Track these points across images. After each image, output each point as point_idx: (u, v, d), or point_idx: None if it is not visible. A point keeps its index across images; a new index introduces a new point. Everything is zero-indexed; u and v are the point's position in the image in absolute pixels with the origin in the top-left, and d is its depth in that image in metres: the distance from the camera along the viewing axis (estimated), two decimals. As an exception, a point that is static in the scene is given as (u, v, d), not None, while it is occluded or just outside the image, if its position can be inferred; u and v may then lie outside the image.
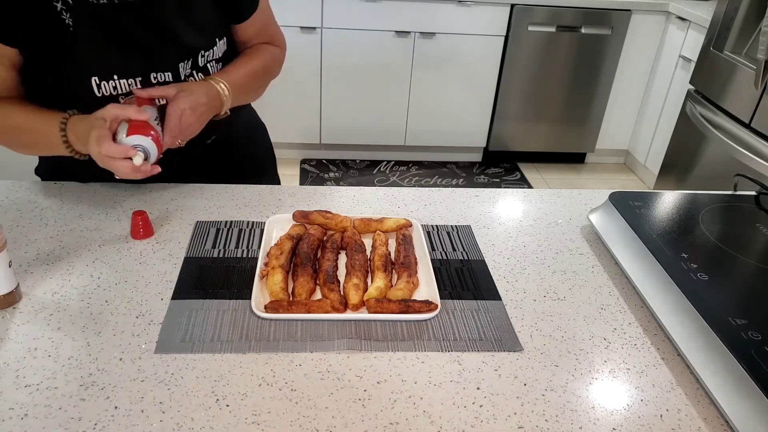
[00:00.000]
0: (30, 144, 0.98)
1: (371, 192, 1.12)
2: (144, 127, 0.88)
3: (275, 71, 1.18)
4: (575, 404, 0.69)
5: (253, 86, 1.12)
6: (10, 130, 0.96)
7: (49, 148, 0.96)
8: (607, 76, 3.21)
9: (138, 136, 0.87)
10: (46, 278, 0.84)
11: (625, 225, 0.96)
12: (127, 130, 0.87)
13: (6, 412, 0.64)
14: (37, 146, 0.99)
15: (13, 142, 0.99)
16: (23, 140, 0.98)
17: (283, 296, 0.81)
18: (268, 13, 1.13)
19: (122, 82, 0.97)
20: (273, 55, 1.16)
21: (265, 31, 1.14)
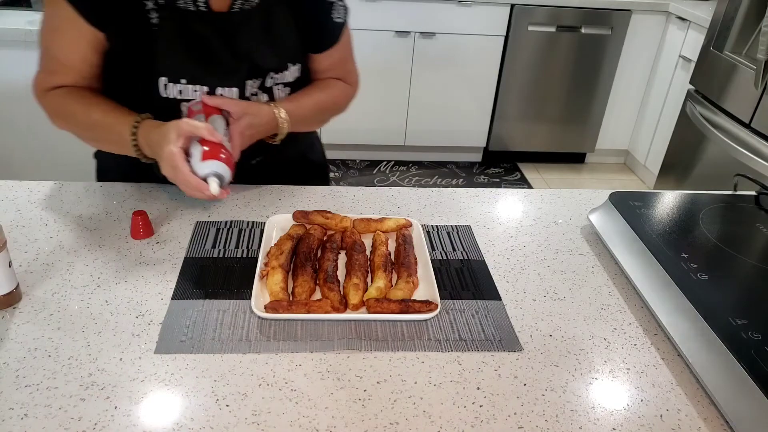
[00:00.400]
0: (100, 139, 1.01)
1: (371, 192, 1.12)
2: (217, 150, 0.87)
3: (341, 108, 1.17)
4: (575, 404, 0.69)
5: (314, 120, 1.12)
6: (86, 126, 0.98)
7: (118, 147, 0.97)
8: (607, 76, 3.21)
9: (213, 162, 0.86)
10: (46, 278, 0.84)
11: (625, 225, 0.96)
12: (202, 154, 0.86)
13: (6, 412, 0.64)
14: (106, 142, 1.01)
15: (86, 135, 1.01)
16: (95, 135, 1.00)
17: (283, 296, 0.81)
18: (347, 49, 1.12)
19: (189, 88, 0.98)
20: (343, 93, 1.15)
21: (342, 66, 1.13)
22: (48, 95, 0.99)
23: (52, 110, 1.00)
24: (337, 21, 1.05)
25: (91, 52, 0.96)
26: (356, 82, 1.18)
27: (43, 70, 0.99)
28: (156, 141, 0.89)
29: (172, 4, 0.94)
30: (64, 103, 0.97)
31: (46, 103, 0.99)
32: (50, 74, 0.98)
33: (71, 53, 0.96)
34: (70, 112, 0.97)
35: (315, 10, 1.03)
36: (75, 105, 0.97)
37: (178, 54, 0.96)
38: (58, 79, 0.98)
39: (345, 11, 1.07)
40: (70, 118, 0.98)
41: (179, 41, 0.95)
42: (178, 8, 0.94)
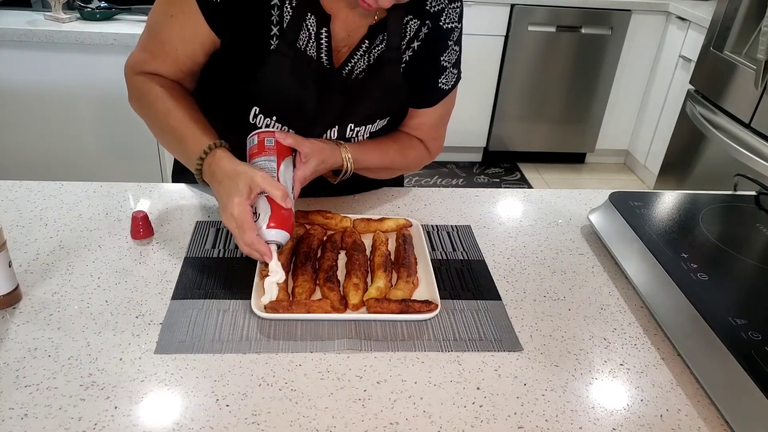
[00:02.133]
0: (166, 142, 0.97)
1: (371, 192, 1.12)
2: (284, 217, 0.81)
3: (410, 167, 1.11)
4: (575, 404, 0.69)
5: (378, 172, 1.07)
6: (159, 125, 0.94)
7: (180, 157, 0.95)
8: (607, 76, 3.21)
9: (279, 231, 0.81)
10: (46, 278, 0.84)
11: (625, 225, 0.96)
12: (270, 219, 0.80)
13: (6, 412, 0.64)
14: (171, 147, 0.96)
15: (155, 131, 0.97)
16: (164, 137, 0.96)
17: (283, 296, 0.81)
18: (442, 116, 1.07)
19: (277, 126, 0.96)
20: (418, 157, 1.09)
21: (429, 130, 1.07)
22: (138, 77, 0.95)
23: (136, 93, 0.96)
24: (441, 87, 1.02)
25: (200, 51, 0.93)
26: (437, 150, 1.12)
27: (142, 49, 0.95)
28: (221, 180, 0.82)
29: (293, 40, 0.90)
30: (150, 93, 0.93)
31: (134, 83, 0.96)
32: (149, 57, 0.94)
33: (179, 46, 0.92)
34: (150, 103, 0.93)
35: (426, 71, 1.00)
36: (158, 101, 0.92)
37: (279, 91, 0.93)
38: (154, 65, 0.94)
39: (455, 80, 1.03)
40: (148, 110, 0.95)
41: (284, 79, 0.92)
42: (297, 48, 0.91)
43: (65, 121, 2.09)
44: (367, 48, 0.94)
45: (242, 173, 0.81)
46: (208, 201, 1.05)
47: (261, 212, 0.81)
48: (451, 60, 1.01)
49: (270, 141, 0.89)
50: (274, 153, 0.88)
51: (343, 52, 0.94)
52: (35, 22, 1.97)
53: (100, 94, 2.06)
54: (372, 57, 0.95)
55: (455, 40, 1.00)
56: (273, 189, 0.80)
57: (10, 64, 1.97)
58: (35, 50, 1.96)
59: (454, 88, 1.05)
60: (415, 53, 0.98)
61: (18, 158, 2.14)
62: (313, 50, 0.92)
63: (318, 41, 0.92)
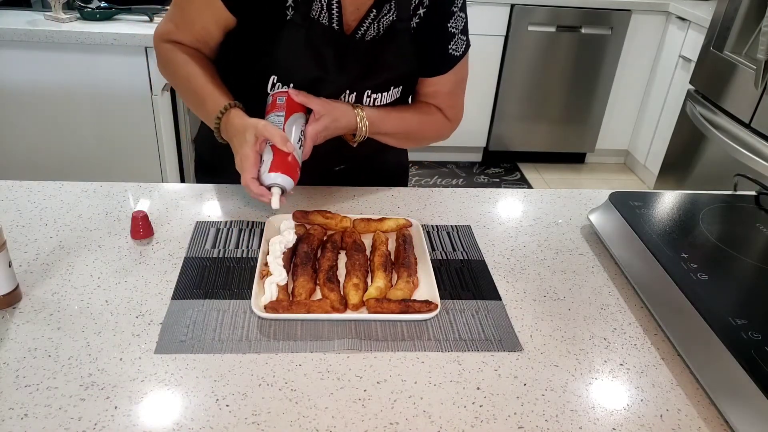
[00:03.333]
0: (191, 105, 1.05)
1: (371, 192, 1.12)
2: (286, 161, 0.89)
3: (430, 137, 1.15)
4: (575, 404, 0.69)
5: (396, 137, 1.10)
6: (184, 89, 1.03)
7: (203, 118, 1.03)
8: (607, 76, 3.21)
9: (279, 175, 0.89)
10: (46, 278, 0.84)
11: (625, 225, 0.96)
12: (271, 164, 0.89)
13: (6, 412, 0.64)
14: (195, 109, 1.04)
15: (181, 94, 1.07)
16: (188, 99, 1.05)
17: (283, 296, 0.81)
18: (457, 83, 1.10)
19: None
20: (436, 123, 1.13)
21: (445, 98, 1.11)
22: (164, 45, 1.03)
23: (163, 60, 1.04)
24: (452, 53, 1.05)
25: (214, 26, 0.99)
26: (456, 118, 1.15)
27: (169, 20, 1.03)
28: (234, 134, 0.92)
29: (307, 11, 0.95)
30: (174, 58, 1.01)
31: (160, 50, 1.04)
32: (173, 27, 1.02)
33: (197, 19, 0.99)
34: (174, 70, 1.02)
35: (435, 38, 1.03)
36: (181, 65, 1.00)
37: (295, 60, 0.98)
38: (177, 34, 1.02)
39: (465, 46, 1.07)
40: (172, 75, 1.04)
41: (300, 48, 0.97)
42: (310, 17, 0.95)
43: (65, 121, 2.09)
44: (375, 16, 0.98)
45: (249, 126, 0.90)
46: (208, 201, 1.05)
47: (265, 158, 0.90)
48: (458, 26, 1.04)
49: (281, 99, 0.97)
50: (284, 109, 0.95)
51: (352, 24, 0.98)
52: (35, 22, 1.97)
53: (100, 94, 2.06)
54: (381, 26, 0.99)
55: (460, 6, 1.03)
56: (273, 135, 0.88)
57: (10, 64, 1.97)
58: (35, 50, 1.96)
59: (465, 54, 1.08)
60: (421, 20, 1.01)
61: (18, 158, 2.14)
62: (325, 19, 0.96)
63: (330, 11, 0.96)
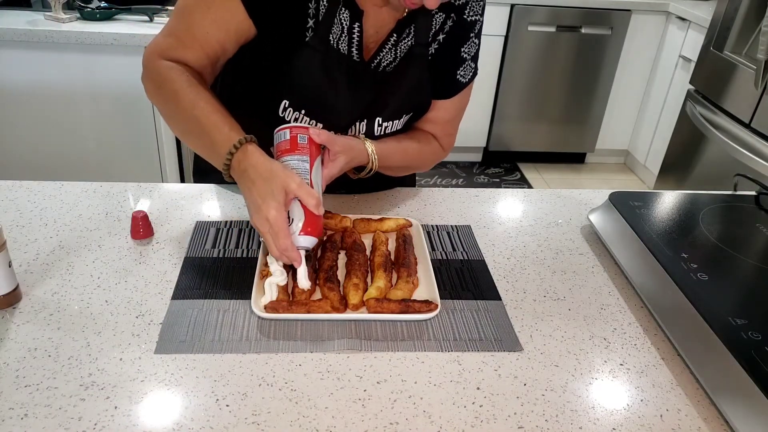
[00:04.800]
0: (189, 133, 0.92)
1: (371, 192, 1.12)
2: (317, 224, 0.82)
3: (426, 165, 1.13)
4: (575, 404, 0.69)
5: (399, 170, 1.09)
6: (183, 115, 0.89)
7: (203, 150, 0.90)
8: (607, 76, 3.21)
9: (311, 238, 0.82)
10: (46, 278, 0.84)
11: (625, 225, 0.96)
12: (303, 226, 0.80)
13: (6, 412, 0.64)
14: (193, 140, 0.91)
15: (175, 122, 0.93)
16: (186, 127, 0.91)
17: (283, 296, 0.81)
18: (457, 111, 1.09)
19: (305, 120, 0.97)
20: (432, 153, 1.11)
21: (444, 125, 1.09)
22: (161, 62, 0.91)
23: (157, 79, 0.91)
24: (459, 79, 1.04)
25: (233, 39, 0.91)
26: (448, 148, 1.13)
27: (169, 34, 0.93)
28: (254, 181, 0.81)
29: (325, 36, 0.91)
30: (176, 79, 0.89)
31: (155, 68, 0.91)
32: (175, 42, 0.92)
33: (212, 32, 0.90)
34: (175, 90, 0.88)
35: (447, 62, 1.02)
36: (185, 88, 0.88)
37: (310, 85, 0.94)
38: (181, 52, 0.91)
39: (472, 74, 1.06)
40: (172, 97, 0.89)
41: (316, 73, 0.93)
42: (329, 43, 0.92)
43: (65, 121, 2.09)
44: (395, 42, 0.96)
45: (276, 176, 0.80)
46: (208, 201, 1.05)
47: (295, 218, 0.81)
48: (470, 52, 1.04)
49: (303, 138, 0.87)
50: (307, 152, 0.86)
51: (372, 47, 0.96)
52: (35, 22, 1.97)
53: (100, 94, 2.06)
54: (400, 51, 0.98)
55: (477, 32, 1.03)
56: (308, 197, 0.80)
57: (10, 64, 1.97)
58: (35, 50, 1.96)
59: (471, 82, 1.07)
60: (440, 46, 1.00)
61: (18, 158, 2.14)
62: (344, 45, 0.94)
63: (350, 36, 0.93)
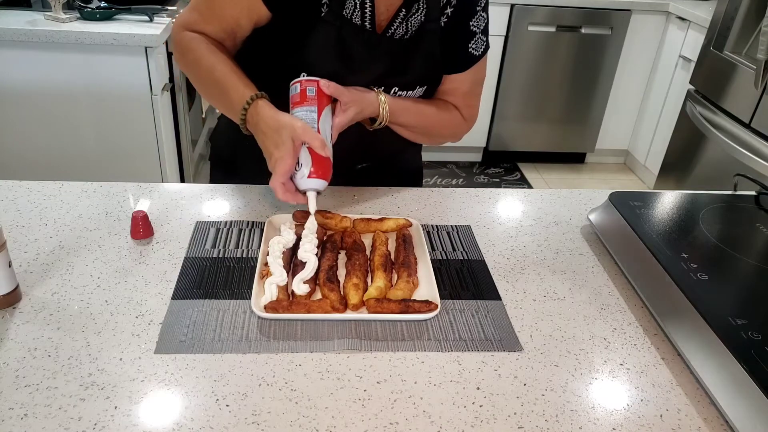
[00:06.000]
0: (212, 96, 1.03)
1: (371, 192, 1.12)
2: (324, 167, 0.87)
3: (445, 135, 1.16)
4: (575, 404, 0.69)
5: (415, 131, 1.11)
6: (205, 78, 1.00)
7: (225, 109, 1.00)
8: (607, 76, 3.22)
9: (319, 181, 0.87)
10: (46, 278, 0.84)
11: (625, 225, 0.96)
12: (310, 170, 0.87)
13: (6, 412, 0.64)
14: (217, 101, 1.02)
15: (201, 85, 1.04)
16: (209, 90, 1.02)
17: (283, 296, 0.81)
18: (474, 83, 1.12)
19: None
20: (452, 120, 1.13)
21: (462, 97, 1.12)
22: (185, 34, 1.01)
23: (183, 48, 1.01)
24: (472, 52, 1.07)
25: (245, 17, 0.98)
26: (472, 118, 1.16)
27: (193, 9, 1.01)
28: (265, 131, 0.90)
29: (338, 10, 0.95)
30: (197, 48, 0.99)
31: (180, 39, 1.01)
32: (197, 16, 1.00)
33: (226, 7, 0.98)
34: (197, 57, 0.99)
35: (457, 36, 1.05)
36: (205, 55, 0.98)
37: (326, 57, 0.98)
38: (200, 23, 1.00)
39: (485, 47, 1.08)
40: (193, 65, 1.00)
41: (331, 46, 0.97)
42: (343, 16, 0.96)
43: (65, 121, 2.09)
44: (405, 16, 1.00)
45: (284, 125, 0.87)
46: (208, 201, 1.05)
47: (303, 162, 0.88)
48: (479, 26, 1.06)
49: (311, 90, 0.93)
50: (315, 103, 0.92)
51: (383, 22, 1.00)
52: (35, 22, 1.97)
53: (100, 94, 2.06)
54: (411, 26, 1.01)
55: (483, 6, 1.06)
56: (312, 140, 0.87)
57: (10, 64, 1.98)
58: (35, 50, 1.96)
59: (484, 55, 1.09)
60: (449, 19, 1.03)
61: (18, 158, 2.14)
62: (357, 18, 0.98)
63: (363, 10, 0.97)
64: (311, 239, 0.87)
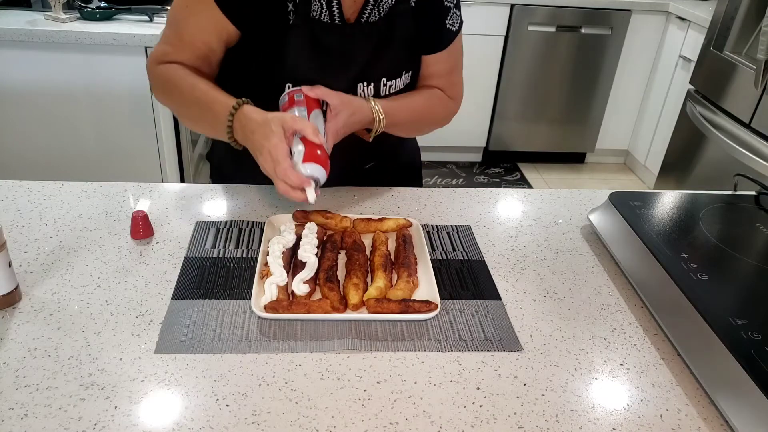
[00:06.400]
0: (197, 118, 1.00)
1: (371, 192, 1.12)
2: (320, 154, 0.85)
3: (439, 120, 1.15)
4: (575, 404, 0.69)
5: (409, 125, 1.10)
6: (187, 102, 0.97)
7: (212, 129, 0.96)
8: (607, 76, 3.21)
9: (315, 165, 0.84)
10: (46, 278, 0.84)
11: (625, 225, 0.96)
12: (304, 155, 0.84)
13: (6, 412, 0.64)
14: (202, 122, 0.99)
15: (184, 113, 1.01)
16: (192, 113, 0.99)
17: (283, 296, 0.81)
18: (455, 60, 1.12)
19: None
20: (442, 104, 1.13)
21: (446, 76, 1.12)
22: (159, 67, 0.99)
23: (159, 82, 1.00)
24: (449, 28, 1.06)
25: (215, 40, 0.97)
26: (458, 96, 1.16)
27: (164, 42, 1.00)
28: (254, 129, 0.86)
29: (306, 13, 0.95)
30: (173, 76, 0.97)
31: (156, 74, 1.00)
32: (170, 48, 0.99)
33: (195, 33, 0.97)
34: (175, 85, 0.97)
35: (432, 14, 1.04)
36: (182, 80, 0.96)
37: (305, 61, 0.98)
38: (173, 54, 0.98)
39: (460, 22, 1.08)
40: (173, 92, 0.98)
41: (307, 49, 0.97)
42: (312, 18, 0.96)
43: (65, 121, 2.09)
44: (374, 3, 0.99)
45: (272, 118, 0.85)
46: (208, 201, 1.05)
47: (296, 151, 0.85)
48: (452, 0, 1.06)
49: (299, 95, 0.93)
50: (304, 104, 0.92)
51: (352, 14, 0.99)
52: (35, 22, 1.97)
53: (100, 94, 2.06)
54: (382, 10, 1.00)
55: None
56: (303, 126, 0.84)
57: (10, 64, 1.97)
58: (35, 50, 1.96)
59: (460, 29, 1.09)
60: None
61: (18, 158, 2.14)
62: (326, 16, 0.97)
63: (330, 7, 0.96)
64: (311, 239, 0.87)
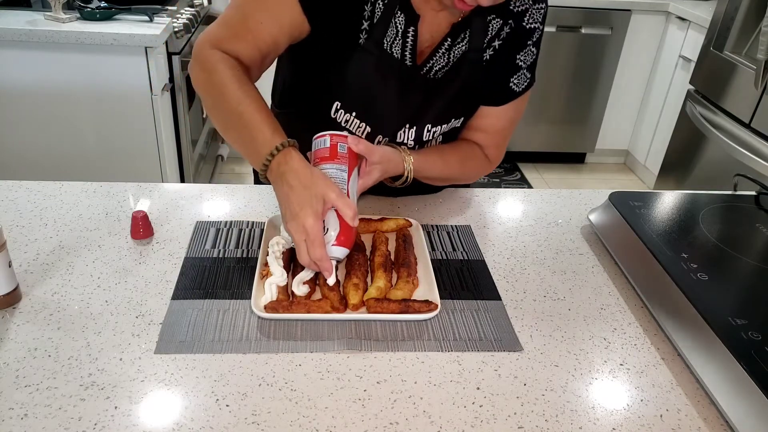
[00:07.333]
0: (230, 128, 0.91)
1: (371, 192, 1.11)
2: (351, 236, 0.83)
3: (468, 178, 1.11)
4: (575, 404, 0.69)
5: (437, 181, 1.07)
6: (227, 108, 0.88)
7: (241, 147, 0.89)
8: (607, 76, 3.21)
9: (344, 249, 0.82)
10: (46, 278, 0.84)
11: (625, 225, 0.96)
12: (337, 238, 0.81)
13: (6, 412, 0.64)
14: (234, 134, 0.90)
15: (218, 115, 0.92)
16: (229, 122, 0.90)
17: (283, 296, 0.81)
18: (508, 122, 1.07)
19: (356, 122, 0.98)
20: (477, 166, 1.08)
21: (493, 135, 1.07)
22: (213, 52, 0.90)
23: (208, 67, 0.90)
24: (512, 87, 1.02)
25: (285, 34, 0.91)
26: (497, 160, 1.10)
27: (224, 24, 0.92)
28: (293, 186, 0.80)
29: (380, 39, 0.91)
30: (224, 71, 0.88)
31: (207, 57, 0.90)
32: (230, 33, 0.91)
33: (266, 24, 0.90)
34: (223, 83, 0.88)
35: (501, 68, 1.00)
36: (234, 82, 0.87)
37: (362, 88, 0.95)
38: (231, 42, 0.91)
39: (527, 84, 1.03)
40: (217, 87, 0.89)
41: (369, 76, 0.94)
42: (383, 48, 0.92)
43: (65, 121, 2.09)
44: (449, 46, 0.95)
45: (317, 185, 0.79)
46: (208, 201, 1.05)
47: (330, 227, 0.81)
48: (526, 60, 1.01)
49: (343, 147, 0.88)
50: (346, 162, 0.87)
51: (425, 51, 0.96)
52: (35, 22, 1.97)
53: (100, 94, 2.06)
54: (453, 56, 0.96)
55: (534, 41, 1.00)
56: (346, 208, 0.80)
57: (10, 64, 1.97)
58: (35, 50, 1.96)
59: (526, 92, 1.03)
60: (495, 52, 0.98)
61: (18, 158, 2.14)
62: (398, 49, 0.93)
63: (404, 40, 0.93)
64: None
